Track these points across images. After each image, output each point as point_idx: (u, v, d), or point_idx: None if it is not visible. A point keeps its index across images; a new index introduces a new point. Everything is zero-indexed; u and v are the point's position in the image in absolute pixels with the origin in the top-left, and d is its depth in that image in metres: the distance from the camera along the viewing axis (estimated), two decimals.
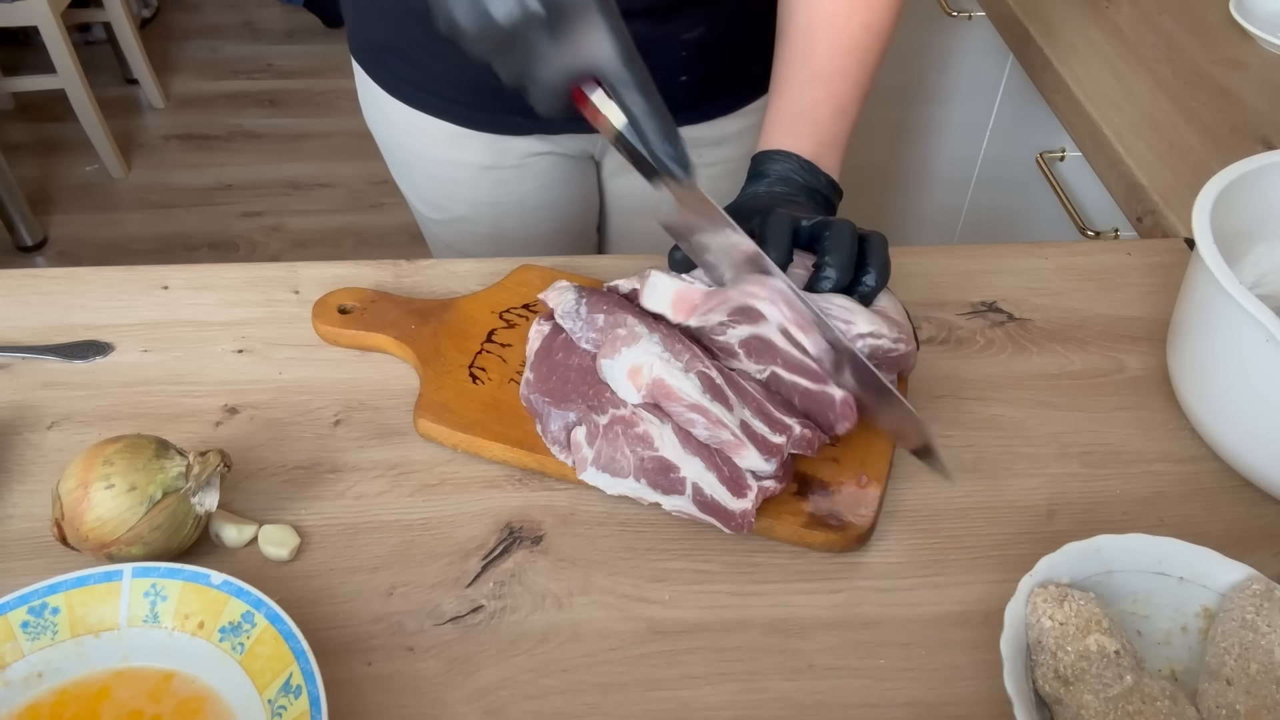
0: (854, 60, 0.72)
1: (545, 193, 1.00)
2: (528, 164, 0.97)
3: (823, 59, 0.72)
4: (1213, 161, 0.95)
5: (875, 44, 0.73)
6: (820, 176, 0.71)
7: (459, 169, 0.98)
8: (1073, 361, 0.75)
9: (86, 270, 0.79)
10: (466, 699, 0.54)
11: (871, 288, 0.63)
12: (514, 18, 0.52)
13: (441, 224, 1.05)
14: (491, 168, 0.97)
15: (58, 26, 2.31)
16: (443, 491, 0.65)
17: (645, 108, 0.55)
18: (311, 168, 2.67)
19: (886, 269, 0.64)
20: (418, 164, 1.00)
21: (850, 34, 0.72)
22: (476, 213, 1.01)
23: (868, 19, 0.72)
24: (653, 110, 0.55)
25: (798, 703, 0.55)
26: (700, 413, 0.59)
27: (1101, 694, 0.50)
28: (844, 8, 0.72)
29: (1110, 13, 1.21)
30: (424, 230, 1.10)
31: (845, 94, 0.72)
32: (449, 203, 1.01)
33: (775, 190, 0.70)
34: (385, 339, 0.72)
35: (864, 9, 0.72)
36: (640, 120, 0.55)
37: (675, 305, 0.63)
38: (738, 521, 0.59)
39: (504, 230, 1.02)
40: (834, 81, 0.72)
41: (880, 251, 0.64)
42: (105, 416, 0.68)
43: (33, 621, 0.54)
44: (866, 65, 0.73)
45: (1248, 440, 0.64)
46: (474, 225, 1.02)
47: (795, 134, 0.72)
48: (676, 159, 0.56)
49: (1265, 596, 0.53)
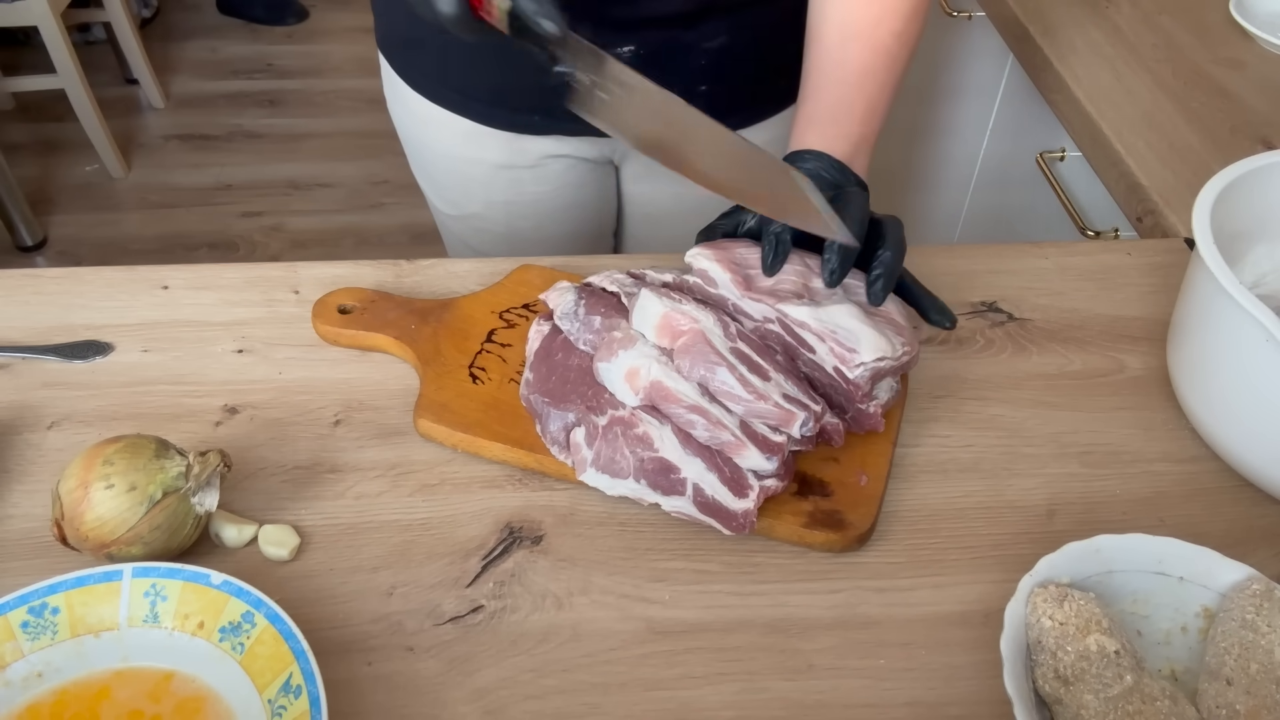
0: (884, 65, 0.74)
1: (561, 195, 1.00)
2: (544, 165, 0.97)
3: (855, 64, 0.73)
4: (1213, 161, 0.95)
5: (903, 52, 0.75)
6: (850, 176, 0.71)
7: (475, 166, 0.98)
8: (1073, 361, 0.75)
9: (86, 270, 0.79)
10: (466, 699, 0.54)
11: (887, 261, 0.64)
12: None
13: (457, 220, 1.05)
14: (507, 167, 0.97)
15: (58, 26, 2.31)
16: (443, 491, 0.65)
17: None
18: (311, 168, 2.67)
19: (902, 245, 0.66)
20: (436, 159, 1.01)
21: (881, 40, 0.73)
22: (490, 211, 1.01)
23: (898, 27, 0.73)
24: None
25: (798, 703, 0.55)
26: (700, 414, 0.59)
27: (1101, 694, 0.50)
28: (875, 16, 0.73)
29: (1110, 13, 1.21)
30: (440, 226, 1.11)
31: (876, 98, 0.74)
32: (464, 199, 1.02)
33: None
34: (385, 339, 0.72)
35: (894, 18, 0.73)
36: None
37: (660, 330, 0.62)
38: (739, 522, 0.59)
39: (517, 230, 1.02)
40: (866, 86, 0.73)
41: (895, 230, 0.66)
42: (105, 416, 0.68)
43: (33, 621, 0.54)
44: (895, 72, 0.74)
45: (1248, 440, 0.64)
46: (487, 223, 1.02)
47: (827, 134, 0.73)
48: (545, 14, 0.57)
49: (1265, 596, 0.53)
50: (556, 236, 1.03)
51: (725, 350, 0.60)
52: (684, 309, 0.62)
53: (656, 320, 0.62)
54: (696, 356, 0.59)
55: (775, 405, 0.59)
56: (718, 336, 0.60)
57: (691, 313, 0.61)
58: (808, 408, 0.59)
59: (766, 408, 0.59)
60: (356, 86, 2.96)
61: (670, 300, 0.62)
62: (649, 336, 0.62)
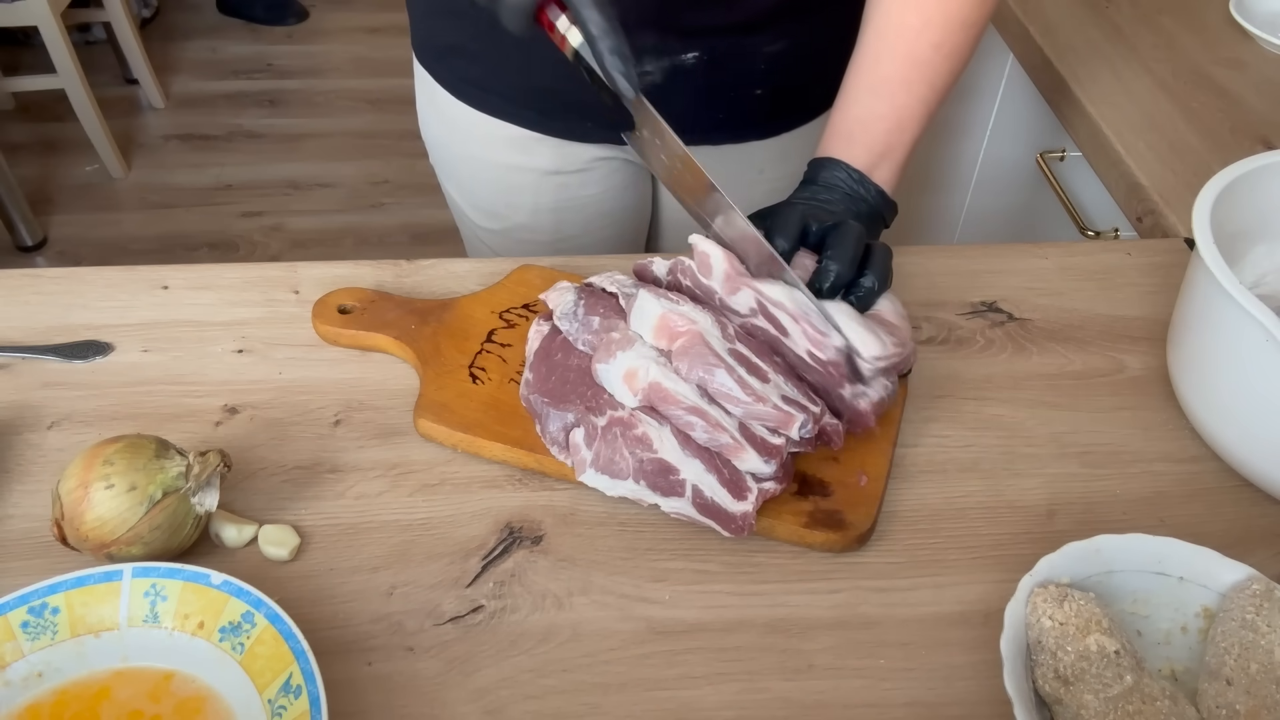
0: (919, 76, 0.72)
1: (606, 199, 0.99)
2: (592, 168, 0.96)
3: (887, 72, 0.72)
4: (1213, 161, 0.95)
5: (945, 65, 0.72)
6: (869, 186, 0.70)
7: (522, 174, 0.96)
8: (1073, 361, 0.75)
9: (86, 270, 0.79)
10: (466, 699, 0.54)
11: (869, 289, 0.64)
12: None
13: (498, 234, 1.02)
14: (556, 172, 0.96)
15: (58, 26, 2.31)
16: (443, 491, 0.65)
17: (602, 26, 0.58)
18: (311, 168, 2.67)
19: (887, 276, 0.65)
20: (477, 170, 0.99)
21: (919, 51, 0.71)
22: (538, 220, 0.99)
23: (939, 39, 0.71)
24: (609, 29, 0.58)
25: (798, 703, 0.55)
26: (699, 415, 0.59)
27: (1101, 694, 0.50)
28: (915, 25, 0.71)
29: (1110, 13, 1.21)
30: (469, 239, 1.07)
31: (907, 108, 0.72)
32: (510, 210, 0.99)
33: (817, 197, 0.70)
34: (385, 339, 0.72)
35: (937, 29, 0.71)
36: (596, 39, 0.58)
37: (658, 331, 0.61)
38: (738, 524, 0.58)
39: (565, 237, 1.00)
40: (898, 96, 0.72)
41: (882, 259, 0.65)
42: (105, 416, 0.68)
43: (33, 621, 0.54)
44: (934, 84, 0.72)
45: (1248, 440, 0.64)
46: (534, 234, 1.00)
47: (849, 143, 0.72)
48: (625, 75, 0.59)
49: (1265, 596, 0.53)
50: (600, 240, 1.02)
51: (724, 352, 0.59)
52: (681, 310, 0.61)
53: (654, 321, 0.61)
54: (694, 358, 0.59)
55: (774, 407, 0.59)
56: (716, 338, 0.60)
57: (689, 314, 0.61)
58: (807, 409, 0.59)
59: (765, 410, 0.59)
60: (356, 86, 2.96)
61: (668, 301, 0.62)
62: (647, 338, 0.62)
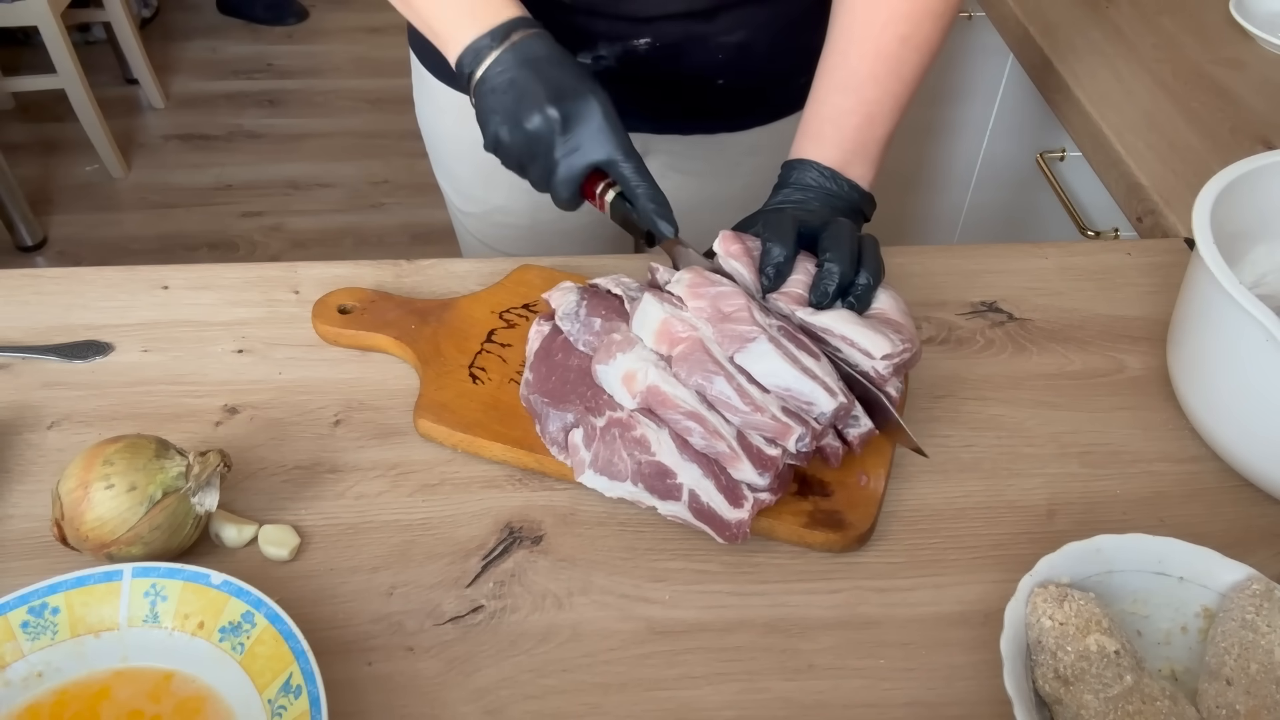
0: (887, 70, 0.72)
1: None
2: None
3: (854, 68, 0.72)
4: (1213, 161, 0.95)
5: (913, 57, 0.73)
6: (842, 183, 0.71)
7: None
8: (1073, 361, 0.75)
9: (86, 270, 0.79)
10: (466, 699, 0.54)
11: (865, 285, 0.65)
12: (538, 125, 0.67)
13: (477, 218, 1.04)
14: None
15: (58, 26, 2.31)
16: (443, 491, 0.65)
17: (642, 184, 0.67)
18: (311, 168, 2.67)
19: (880, 268, 0.66)
20: (460, 150, 1.00)
21: (885, 45, 0.72)
22: (513, 202, 1.00)
23: (905, 32, 0.72)
24: (648, 186, 0.67)
25: (798, 703, 0.55)
26: (697, 421, 0.58)
27: (1101, 694, 0.50)
28: (881, 19, 0.72)
29: (1110, 13, 1.21)
30: (458, 229, 1.10)
31: (876, 103, 0.72)
32: (487, 192, 1.01)
33: (792, 198, 0.71)
34: (385, 339, 0.72)
35: (903, 22, 0.71)
36: (636, 193, 0.67)
37: (659, 336, 0.61)
38: (732, 531, 0.58)
39: (540, 222, 1.01)
40: (866, 91, 0.72)
41: (873, 252, 0.66)
42: (105, 416, 0.68)
43: (33, 621, 0.54)
44: (902, 77, 0.73)
45: (1248, 440, 0.64)
46: (510, 216, 1.01)
47: (819, 141, 0.72)
48: (664, 217, 0.67)
49: (1265, 596, 0.53)
50: (578, 229, 1.02)
51: (724, 360, 0.59)
52: (683, 316, 0.61)
53: (656, 326, 0.61)
54: (694, 365, 0.59)
55: (772, 418, 0.58)
56: (716, 346, 0.60)
57: (691, 321, 0.61)
58: (805, 424, 0.59)
59: (763, 420, 0.58)
60: (356, 86, 2.96)
61: (670, 307, 0.62)
62: (647, 342, 0.62)
